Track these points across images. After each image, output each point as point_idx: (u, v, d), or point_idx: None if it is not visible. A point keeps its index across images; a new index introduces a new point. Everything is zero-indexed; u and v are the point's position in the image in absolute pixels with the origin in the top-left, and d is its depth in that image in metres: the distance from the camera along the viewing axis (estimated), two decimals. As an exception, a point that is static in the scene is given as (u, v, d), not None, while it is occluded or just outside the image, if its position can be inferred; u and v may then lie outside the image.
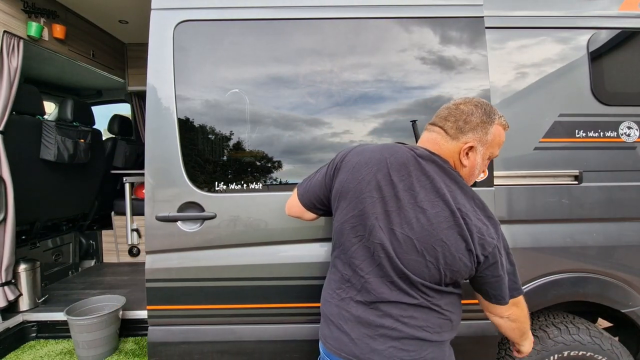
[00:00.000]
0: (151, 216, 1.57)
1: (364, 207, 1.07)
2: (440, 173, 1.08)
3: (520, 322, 1.19)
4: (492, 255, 1.05)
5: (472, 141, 1.10)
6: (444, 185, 1.06)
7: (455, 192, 1.06)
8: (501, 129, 1.14)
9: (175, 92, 1.58)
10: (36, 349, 2.70)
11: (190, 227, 1.59)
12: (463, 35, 1.63)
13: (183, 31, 1.60)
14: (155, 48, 1.59)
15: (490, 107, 1.13)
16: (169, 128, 1.58)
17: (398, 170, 1.07)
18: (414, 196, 1.05)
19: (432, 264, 1.04)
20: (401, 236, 1.04)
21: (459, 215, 1.03)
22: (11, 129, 2.73)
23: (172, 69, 1.58)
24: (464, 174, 1.14)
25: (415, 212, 1.04)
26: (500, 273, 1.07)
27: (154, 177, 1.58)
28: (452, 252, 1.02)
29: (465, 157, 1.11)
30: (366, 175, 1.09)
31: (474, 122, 1.10)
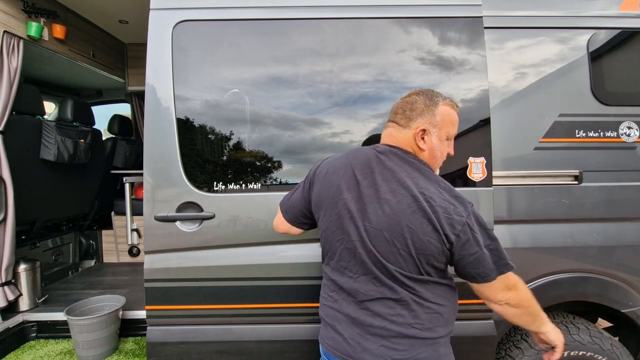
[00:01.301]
0: (150, 216, 1.57)
1: (338, 211, 1.14)
2: (401, 163, 1.13)
3: (524, 307, 1.13)
4: (462, 233, 1.04)
5: (422, 124, 1.15)
6: (405, 174, 1.10)
7: (417, 178, 1.09)
8: (449, 109, 1.17)
9: (174, 92, 1.58)
10: (36, 349, 2.70)
11: (189, 227, 1.58)
12: (462, 35, 1.63)
13: (182, 31, 1.60)
14: (154, 48, 1.59)
15: (433, 92, 1.19)
16: (168, 128, 1.58)
17: (362, 169, 1.14)
18: (377, 190, 1.10)
19: (404, 251, 1.06)
20: (372, 230, 1.08)
21: (422, 198, 1.05)
22: (11, 129, 2.73)
23: (171, 69, 1.58)
24: (426, 158, 1.17)
25: (380, 204, 1.08)
26: (477, 249, 1.05)
27: (153, 177, 1.58)
28: (419, 236, 1.04)
29: (421, 141, 1.15)
30: (335, 181, 1.16)
31: (419, 108, 1.16)
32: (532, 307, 1.15)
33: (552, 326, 1.19)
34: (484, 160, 1.61)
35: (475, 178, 1.60)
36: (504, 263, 1.08)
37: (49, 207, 3.40)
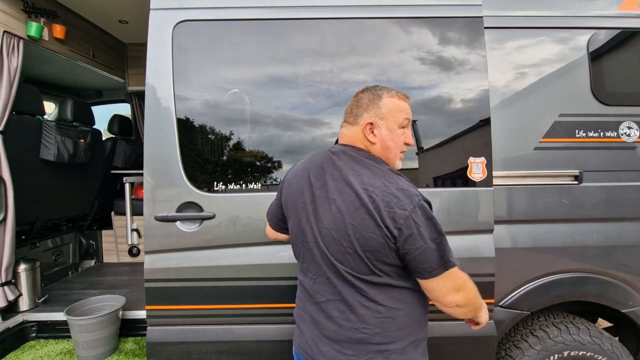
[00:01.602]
0: (150, 216, 1.57)
1: (297, 214, 1.17)
2: (350, 161, 1.13)
3: (471, 304, 1.10)
4: (405, 227, 1.01)
5: (368, 118, 1.16)
6: (352, 172, 1.10)
7: (363, 175, 1.09)
8: (394, 99, 1.17)
9: (174, 92, 1.58)
10: (36, 349, 2.70)
11: (189, 227, 1.58)
12: (462, 35, 1.63)
13: (182, 31, 1.60)
14: (154, 48, 1.59)
15: (378, 87, 1.20)
16: (168, 128, 1.58)
17: (315, 171, 1.16)
18: (326, 190, 1.12)
19: (350, 249, 1.06)
20: (324, 230, 1.10)
21: (364, 194, 1.05)
22: (11, 129, 2.73)
23: (171, 69, 1.58)
24: (379, 152, 1.16)
25: (329, 204, 1.10)
26: (421, 244, 1.02)
27: (153, 177, 1.58)
28: (362, 232, 1.04)
29: (371, 135, 1.15)
30: (295, 185, 1.20)
31: (364, 104, 1.17)
32: (477, 302, 1.13)
33: (484, 312, 1.18)
34: (484, 160, 1.61)
35: (476, 178, 1.60)
36: (447, 259, 1.04)
37: (49, 207, 3.40)
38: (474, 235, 1.61)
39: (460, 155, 1.62)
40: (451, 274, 1.04)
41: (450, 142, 1.63)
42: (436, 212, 1.58)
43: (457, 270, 1.06)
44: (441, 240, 1.04)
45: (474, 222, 1.61)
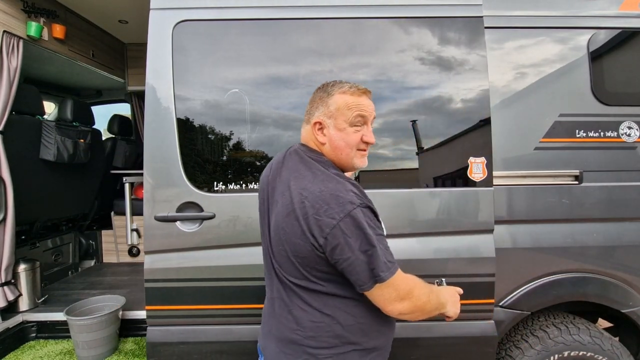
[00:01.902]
0: (150, 216, 1.57)
1: (260, 209, 1.20)
2: (298, 163, 1.11)
3: (420, 311, 1.05)
4: (332, 236, 0.96)
5: (317, 118, 1.12)
6: (295, 174, 1.08)
7: (303, 178, 1.05)
8: (345, 96, 1.10)
9: (174, 92, 1.58)
10: (36, 349, 2.70)
11: (189, 227, 1.58)
12: (462, 35, 1.63)
13: (182, 31, 1.60)
14: (154, 48, 1.59)
15: (331, 83, 1.14)
16: (168, 128, 1.58)
17: (273, 170, 1.17)
18: (273, 192, 1.13)
19: (284, 253, 1.05)
20: (271, 231, 1.11)
21: (298, 199, 1.02)
22: (11, 129, 2.73)
23: (171, 69, 1.58)
24: (329, 152, 1.12)
25: (275, 206, 1.10)
26: (349, 255, 0.96)
27: (153, 177, 1.58)
28: (291, 238, 1.02)
29: (320, 135, 1.12)
30: (260, 182, 1.22)
31: (315, 102, 1.14)
32: (429, 307, 1.06)
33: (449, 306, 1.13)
34: (484, 160, 1.61)
35: (476, 178, 1.60)
36: (377, 273, 0.97)
37: (48, 207, 3.39)
38: (474, 235, 1.61)
39: (460, 155, 1.62)
40: (389, 285, 0.99)
41: (451, 142, 1.63)
42: (436, 212, 1.61)
43: (399, 279, 1.01)
44: (373, 252, 0.97)
45: (474, 222, 1.61)
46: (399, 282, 1.01)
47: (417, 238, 1.61)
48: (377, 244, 0.98)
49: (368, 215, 1.00)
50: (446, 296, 1.13)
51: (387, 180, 1.66)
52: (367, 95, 1.13)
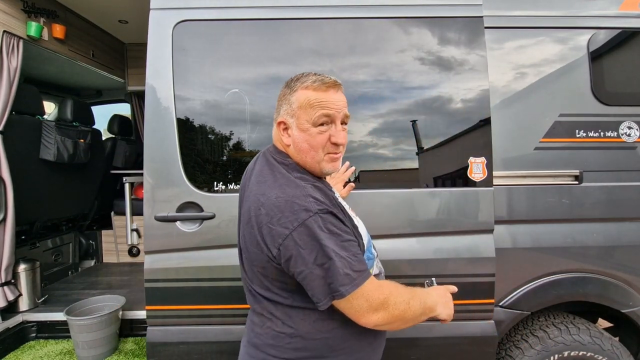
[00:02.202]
0: (150, 216, 1.57)
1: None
2: (264, 166, 1.04)
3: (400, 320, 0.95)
4: (284, 247, 0.89)
5: (281, 117, 1.04)
6: (259, 178, 1.02)
7: (265, 182, 0.99)
8: (308, 92, 0.99)
9: (174, 92, 1.58)
10: (36, 349, 2.70)
11: (189, 227, 1.58)
12: (462, 35, 1.63)
13: (182, 31, 1.60)
14: (154, 48, 1.59)
15: (295, 77, 1.05)
16: (168, 128, 1.58)
17: (246, 175, 1.13)
18: (242, 197, 1.09)
19: (248, 262, 1.02)
20: (239, 239, 1.08)
21: (255, 206, 0.96)
22: (11, 129, 2.73)
23: (171, 69, 1.58)
24: (294, 154, 1.04)
25: (243, 211, 1.05)
26: (303, 269, 0.89)
27: (153, 177, 1.58)
28: (248, 246, 0.98)
29: (285, 136, 1.04)
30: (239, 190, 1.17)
31: (280, 99, 1.06)
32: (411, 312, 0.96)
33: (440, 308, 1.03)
34: (484, 160, 1.60)
35: (476, 178, 1.60)
36: (336, 288, 0.89)
37: (48, 207, 3.39)
38: (474, 235, 1.61)
39: (460, 155, 1.62)
40: (358, 296, 0.90)
41: (451, 142, 1.63)
42: (436, 212, 1.61)
43: (370, 289, 0.92)
44: (330, 265, 0.88)
45: (474, 222, 1.61)
46: (370, 292, 0.92)
47: (417, 238, 1.61)
48: (336, 256, 0.88)
49: (329, 222, 0.91)
50: (435, 298, 1.03)
51: (388, 180, 1.66)
52: (335, 90, 1.01)
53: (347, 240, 0.93)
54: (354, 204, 1.53)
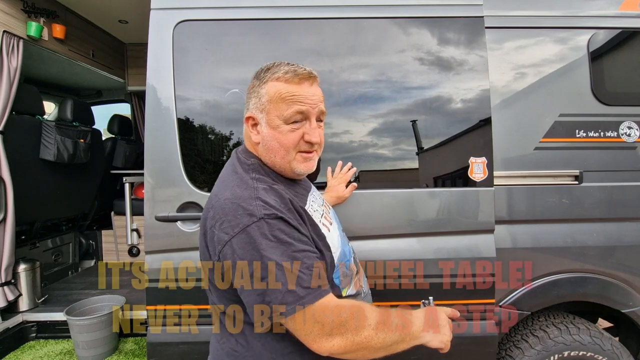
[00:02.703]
0: (151, 216, 1.57)
1: None
2: (228, 166, 0.98)
3: (363, 349, 0.79)
4: (222, 255, 0.80)
5: (248, 112, 0.94)
6: (220, 178, 0.95)
7: (222, 183, 0.92)
8: (280, 84, 0.89)
9: (174, 92, 1.58)
10: (36, 349, 2.70)
11: (190, 227, 1.58)
12: (463, 35, 1.63)
13: (182, 31, 1.60)
14: (154, 48, 1.59)
15: (266, 67, 0.93)
16: (169, 128, 1.58)
17: None
18: None
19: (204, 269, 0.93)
20: None
21: (207, 207, 0.89)
22: (11, 129, 2.73)
23: (172, 69, 1.58)
24: (262, 154, 0.94)
25: None
26: (238, 281, 0.79)
27: (154, 177, 1.58)
28: (201, 251, 0.91)
29: (254, 132, 0.94)
30: None
31: (248, 92, 0.95)
32: (379, 340, 0.81)
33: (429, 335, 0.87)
34: (485, 160, 1.61)
35: (477, 178, 1.60)
36: (275, 307, 0.77)
37: (48, 207, 3.39)
38: (474, 235, 1.61)
39: (461, 155, 1.62)
40: (307, 318, 0.77)
41: (451, 142, 1.63)
42: (436, 212, 1.61)
43: (320, 310, 0.78)
44: (269, 280, 0.77)
45: (474, 222, 1.61)
46: (323, 313, 0.78)
47: (417, 238, 1.61)
48: (279, 269, 0.77)
49: (278, 228, 0.80)
50: (422, 323, 0.87)
51: (388, 180, 1.66)
52: (310, 82, 0.92)
53: (300, 250, 0.80)
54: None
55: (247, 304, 0.81)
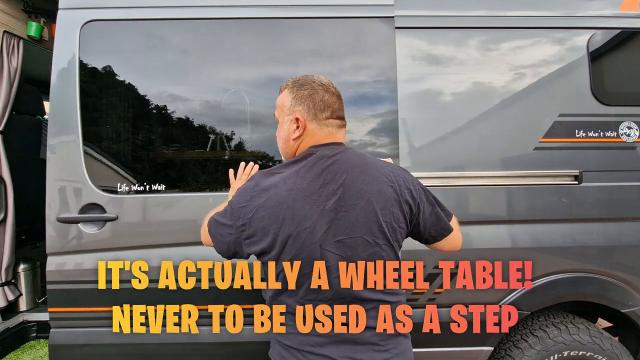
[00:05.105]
0: (53, 217, 1.56)
1: None
2: (362, 155, 1.14)
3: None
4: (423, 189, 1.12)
5: None
6: (369, 161, 1.12)
7: (389, 165, 1.12)
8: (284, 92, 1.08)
9: (79, 92, 1.57)
10: (36, 349, 2.70)
11: (92, 229, 1.57)
12: (373, 35, 1.62)
13: (89, 31, 1.58)
14: (61, 48, 1.58)
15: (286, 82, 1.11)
16: (72, 129, 1.57)
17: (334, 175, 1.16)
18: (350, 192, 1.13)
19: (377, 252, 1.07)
20: None
21: (404, 180, 1.09)
22: (11, 129, 2.73)
23: (78, 70, 1.57)
24: None
25: (368, 197, 1.10)
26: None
27: (57, 178, 1.59)
28: (393, 224, 1.06)
29: None
30: None
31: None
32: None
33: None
34: (390, 161, 1.59)
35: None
36: None
37: (49, 207, 3.39)
38: None
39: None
40: None
41: (361, 143, 1.63)
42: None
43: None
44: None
45: None
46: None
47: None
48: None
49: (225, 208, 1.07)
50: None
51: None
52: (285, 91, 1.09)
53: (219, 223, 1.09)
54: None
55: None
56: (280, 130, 1.08)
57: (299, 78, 1.08)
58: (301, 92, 1.03)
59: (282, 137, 1.08)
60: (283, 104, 1.06)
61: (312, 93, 1.02)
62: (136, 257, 1.56)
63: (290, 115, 1.04)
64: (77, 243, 1.57)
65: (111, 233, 1.56)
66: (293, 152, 1.06)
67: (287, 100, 1.05)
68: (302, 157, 1.02)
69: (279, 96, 1.10)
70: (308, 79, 1.06)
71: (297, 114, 1.02)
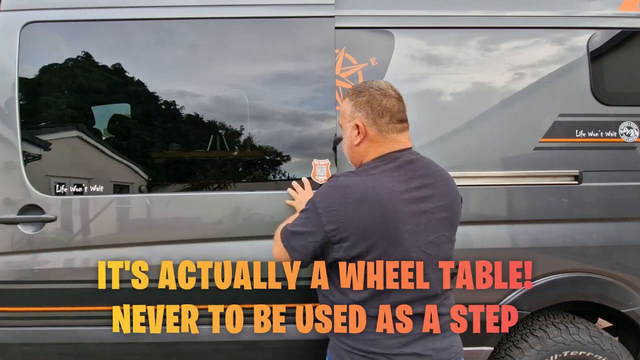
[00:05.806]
0: None
1: None
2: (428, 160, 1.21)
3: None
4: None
5: None
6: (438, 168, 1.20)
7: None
8: (346, 100, 1.16)
9: (18, 93, 1.57)
10: None
11: (31, 230, 1.56)
12: (313, 36, 1.61)
13: (29, 32, 1.58)
14: (1, 49, 1.58)
15: None
16: (11, 130, 1.56)
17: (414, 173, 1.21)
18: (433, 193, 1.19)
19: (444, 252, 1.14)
20: None
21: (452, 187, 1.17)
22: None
23: (17, 71, 1.57)
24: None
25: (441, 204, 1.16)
26: None
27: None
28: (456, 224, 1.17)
29: None
30: None
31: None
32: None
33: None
34: (328, 162, 1.59)
35: (320, 180, 1.57)
36: None
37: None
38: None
39: (305, 157, 1.61)
40: None
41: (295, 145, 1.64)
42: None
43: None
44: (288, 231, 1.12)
45: None
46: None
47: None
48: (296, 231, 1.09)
49: (322, 199, 1.05)
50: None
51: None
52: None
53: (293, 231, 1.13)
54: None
55: None
56: (344, 136, 1.16)
57: (359, 84, 1.15)
58: (360, 99, 1.08)
59: (346, 143, 1.15)
60: (345, 111, 1.13)
61: (370, 99, 1.07)
62: (75, 257, 1.59)
63: (351, 122, 1.10)
64: (16, 243, 1.57)
65: (50, 234, 1.56)
66: (360, 157, 1.12)
67: (347, 107, 1.11)
68: (388, 160, 1.06)
69: (342, 104, 1.17)
70: (366, 85, 1.11)
71: (357, 121, 1.08)
